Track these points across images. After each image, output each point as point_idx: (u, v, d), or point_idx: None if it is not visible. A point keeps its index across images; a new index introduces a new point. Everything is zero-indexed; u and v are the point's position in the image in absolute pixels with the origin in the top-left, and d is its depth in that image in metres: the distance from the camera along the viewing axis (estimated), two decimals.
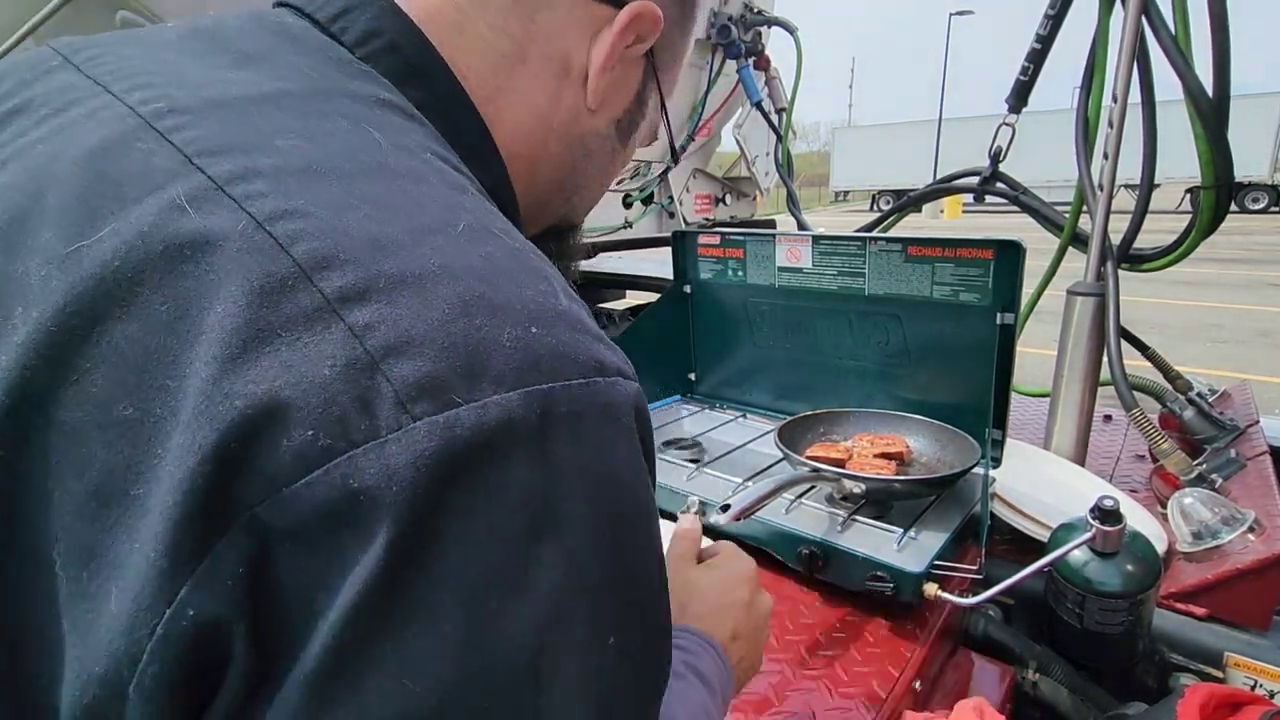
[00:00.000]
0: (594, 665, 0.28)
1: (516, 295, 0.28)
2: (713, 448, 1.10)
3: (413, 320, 0.25)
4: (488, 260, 0.29)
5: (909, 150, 23.08)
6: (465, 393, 0.25)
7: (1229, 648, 0.76)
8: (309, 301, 0.25)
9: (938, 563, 0.76)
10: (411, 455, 0.23)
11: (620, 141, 0.49)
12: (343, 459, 0.23)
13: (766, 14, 1.88)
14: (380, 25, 0.38)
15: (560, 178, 0.48)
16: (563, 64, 0.43)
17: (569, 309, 0.30)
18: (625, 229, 1.95)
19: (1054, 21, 1.27)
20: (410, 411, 0.24)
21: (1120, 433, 1.34)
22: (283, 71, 0.34)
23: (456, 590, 0.24)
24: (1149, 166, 1.15)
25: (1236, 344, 5.47)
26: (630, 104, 0.47)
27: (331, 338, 0.24)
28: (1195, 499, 0.92)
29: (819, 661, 0.70)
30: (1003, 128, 1.38)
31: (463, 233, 0.30)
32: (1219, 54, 0.99)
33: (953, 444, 0.97)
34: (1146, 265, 1.22)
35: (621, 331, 1.25)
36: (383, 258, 0.26)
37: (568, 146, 0.46)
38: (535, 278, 0.30)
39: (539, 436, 0.26)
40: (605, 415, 0.28)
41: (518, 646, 0.25)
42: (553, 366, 0.27)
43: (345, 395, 0.24)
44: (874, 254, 1.04)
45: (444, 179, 0.33)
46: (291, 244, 0.26)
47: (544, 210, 0.50)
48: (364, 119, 0.33)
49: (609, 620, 0.29)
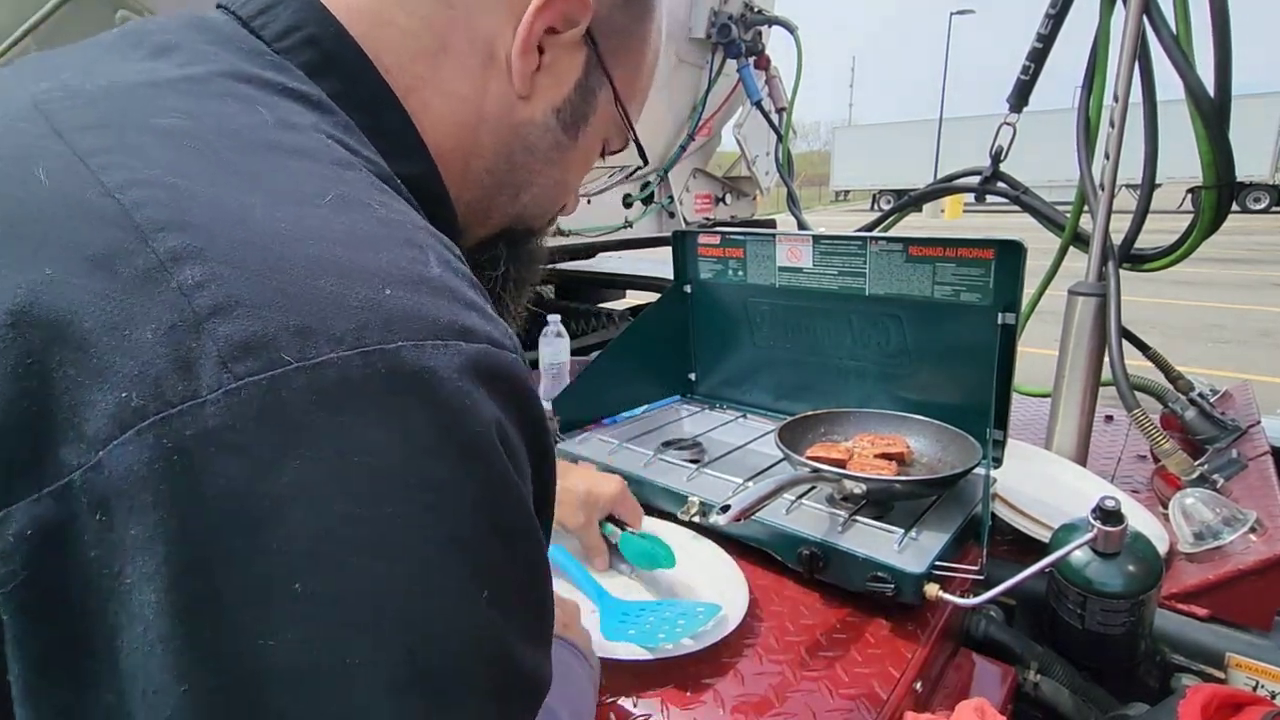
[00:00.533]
0: (474, 621, 0.28)
1: (374, 259, 0.28)
2: (713, 448, 1.10)
3: (249, 279, 0.25)
4: (350, 227, 0.29)
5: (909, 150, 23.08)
6: (296, 351, 0.24)
7: (1231, 648, 0.76)
8: (142, 263, 0.25)
9: (939, 563, 0.76)
10: (231, 416, 0.23)
11: (567, 134, 0.47)
12: (155, 419, 0.23)
13: (767, 13, 1.88)
14: (300, 20, 0.39)
15: (499, 172, 0.46)
16: (487, 51, 0.42)
17: (439, 276, 0.30)
18: (625, 229, 1.95)
19: (1055, 21, 1.26)
20: (232, 370, 0.23)
21: (1121, 433, 1.34)
22: (191, 60, 0.35)
23: (292, 554, 0.24)
24: (1150, 166, 1.15)
25: (1238, 344, 5.46)
26: (571, 93, 0.46)
27: (160, 298, 0.24)
28: (1197, 499, 0.92)
29: (819, 662, 0.70)
30: (1004, 127, 1.38)
31: (330, 202, 0.30)
32: (1220, 53, 0.99)
33: (954, 444, 0.97)
34: (1148, 265, 1.22)
35: (621, 331, 1.25)
36: (229, 221, 0.26)
37: (502, 138, 0.45)
38: (404, 245, 0.30)
39: (385, 395, 0.25)
40: (464, 378, 0.28)
41: (387, 605, 0.25)
42: (406, 326, 0.27)
43: (165, 357, 0.23)
44: (874, 254, 1.04)
45: (329, 155, 0.33)
46: (136, 209, 0.26)
47: (489, 208, 0.48)
48: (259, 101, 0.34)
49: (482, 577, 0.28)
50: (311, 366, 0.24)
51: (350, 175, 0.33)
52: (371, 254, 0.28)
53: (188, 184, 0.27)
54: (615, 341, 1.21)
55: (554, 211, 0.54)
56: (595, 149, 0.51)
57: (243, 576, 0.23)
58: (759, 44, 1.91)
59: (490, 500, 0.29)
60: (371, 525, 0.25)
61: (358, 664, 0.25)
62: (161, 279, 0.24)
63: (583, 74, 0.46)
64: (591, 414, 1.19)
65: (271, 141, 0.32)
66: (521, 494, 0.31)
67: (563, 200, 0.53)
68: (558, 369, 1.40)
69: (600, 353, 1.20)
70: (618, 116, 0.50)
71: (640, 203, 1.99)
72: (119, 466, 0.22)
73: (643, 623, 0.73)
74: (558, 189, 0.51)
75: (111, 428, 0.23)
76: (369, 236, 0.29)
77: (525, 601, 0.32)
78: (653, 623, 0.72)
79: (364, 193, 0.32)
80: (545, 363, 1.40)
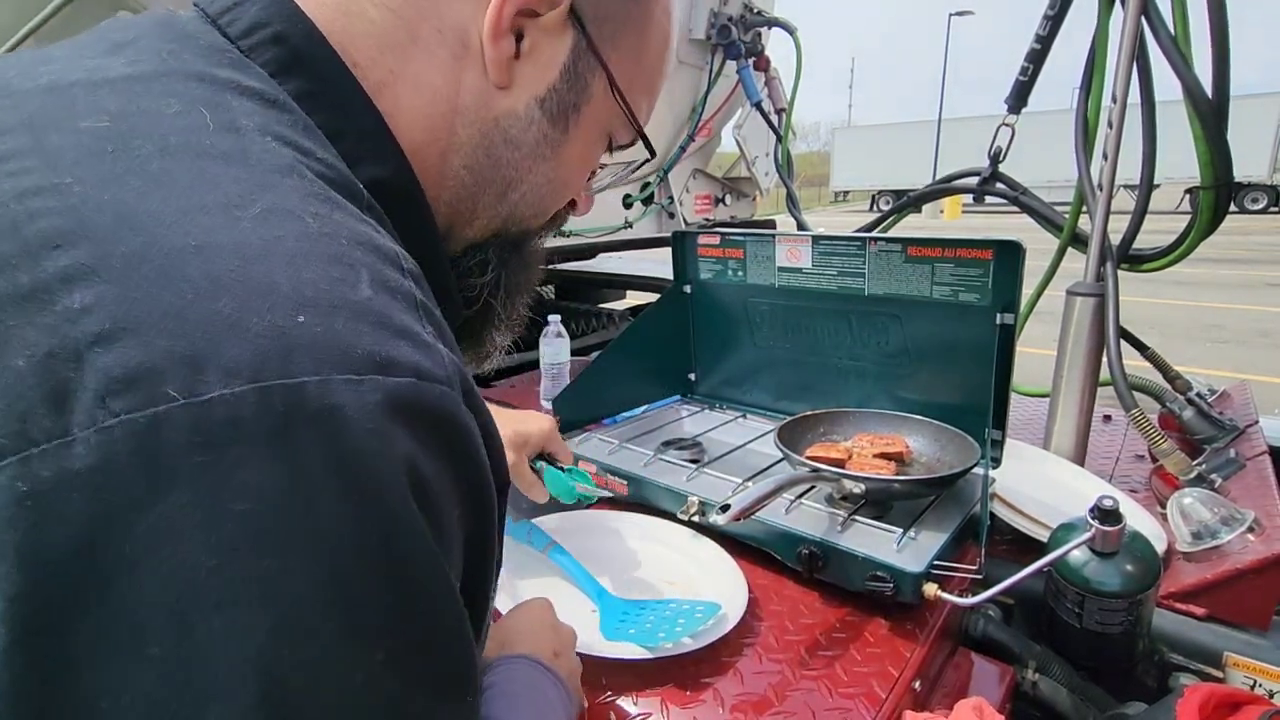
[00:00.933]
0: (354, 685, 0.25)
1: (290, 279, 0.26)
2: (713, 448, 1.10)
3: (140, 302, 0.23)
4: (270, 241, 0.27)
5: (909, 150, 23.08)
6: (183, 385, 0.22)
7: (1228, 647, 0.76)
8: (28, 281, 0.23)
9: (937, 563, 0.76)
10: (100, 457, 0.21)
11: (554, 127, 0.44)
12: (13, 460, 0.21)
13: (766, 14, 1.88)
14: (267, 16, 0.37)
15: (480, 169, 0.44)
16: (459, 39, 0.40)
17: (367, 300, 0.28)
18: (625, 229, 1.95)
19: (1053, 22, 1.27)
20: (109, 407, 0.21)
21: (1120, 433, 1.34)
22: (140, 57, 0.34)
23: (145, 611, 0.21)
24: (1148, 167, 1.15)
25: (1236, 344, 5.47)
26: (556, 81, 0.42)
27: (41, 322, 0.22)
28: (1195, 499, 0.92)
29: (819, 661, 0.70)
30: (1002, 128, 1.38)
31: (256, 214, 0.27)
32: (1218, 54, 0.99)
33: (952, 444, 0.97)
34: (1146, 265, 1.23)
35: (621, 332, 1.25)
36: (130, 234, 0.25)
37: (480, 132, 0.42)
38: (331, 263, 0.28)
39: (277, 436, 0.23)
40: (378, 417, 0.25)
41: (244, 665, 0.23)
42: (312, 358, 0.24)
43: (36, 389, 0.21)
44: (874, 254, 1.04)
45: (268, 162, 0.31)
46: (30, 220, 0.24)
47: (474, 208, 0.45)
48: (203, 100, 0.32)
49: (369, 635, 0.26)
50: (198, 404, 0.22)
51: (288, 183, 0.31)
52: (288, 272, 0.26)
53: (94, 193, 0.26)
54: (615, 342, 1.21)
55: (551, 211, 0.50)
56: (596, 143, 0.48)
57: (89, 636, 0.21)
58: (758, 45, 1.91)
59: (385, 549, 0.26)
60: (240, 579, 0.23)
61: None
62: (45, 301, 0.23)
63: (570, 60, 0.42)
64: (591, 414, 1.19)
65: (202, 147, 0.30)
66: (428, 550, 0.28)
67: (560, 199, 0.50)
68: (558, 369, 1.40)
69: (600, 353, 1.21)
70: (618, 106, 0.46)
71: (640, 203, 1.99)
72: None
73: (642, 621, 0.73)
74: (552, 187, 0.47)
75: None
76: (290, 252, 0.27)
77: (431, 661, 0.29)
78: (653, 621, 0.72)
79: (298, 203, 0.30)
80: (545, 363, 1.40)
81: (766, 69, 1.96)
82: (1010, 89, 1.36)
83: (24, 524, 0.21)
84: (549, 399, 1.34)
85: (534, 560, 0.86)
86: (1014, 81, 1.35)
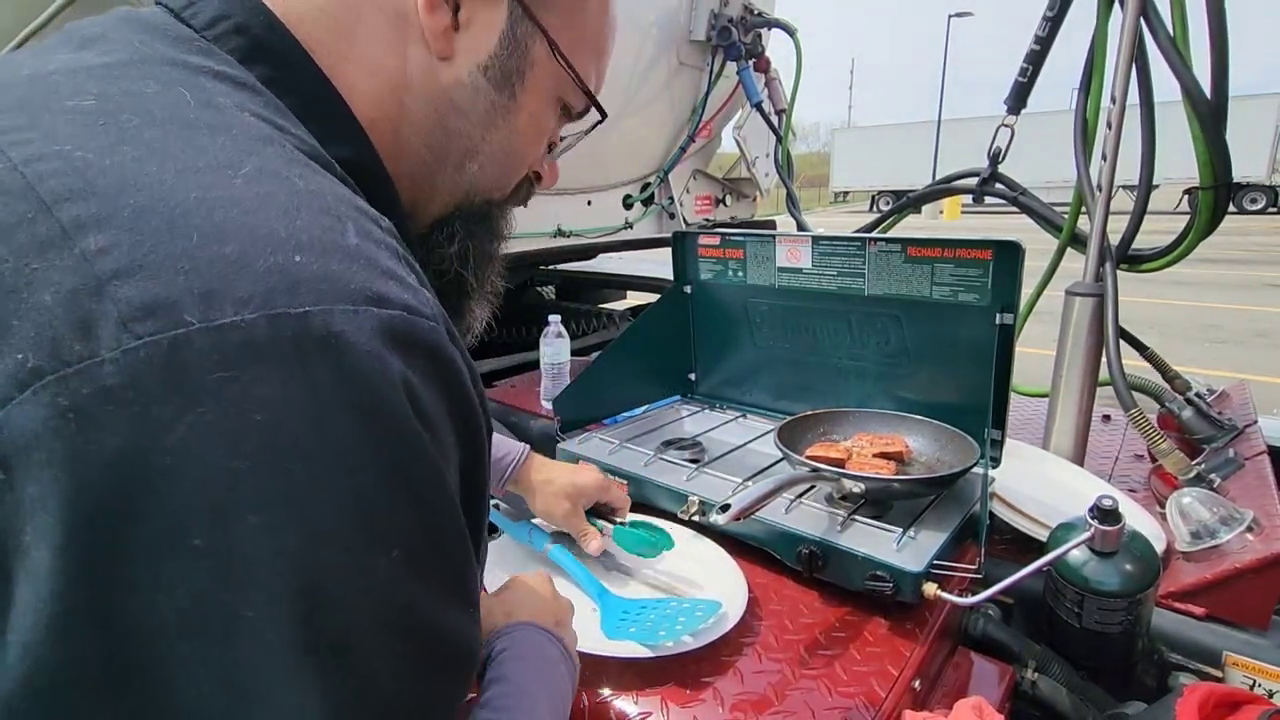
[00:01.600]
0: (376, 581, 0.28)
1: (285, 226, 0.28)
2: (713, 448, 1.10)
3: (153, 245, 0.25)
4: (263, 196, 0.29)
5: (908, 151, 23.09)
6: (200, 314, 0.25)
7: (1228, 647, 0.76)
8: (45, 230, 0.25)
9: (937, 562, 0.76)
10: (129, 375, 0.23)
11: (500, 94, 0.46)
12: (52, 378, 0.23)
13: (766, 15, 1.88)
14: (228, 9, 0.39)
15: (436, 144, 0.45)
16: (398, 15, 0.42)
17: (355, 245, 0.30)
18: (625, 230, 1.96)
19: (1052, 23, 1.27)
20: (132, 330, 0.24)
21: (1119, 433, 1.34)
22: (114, 48, 0.35)
23: (186, 509, 0.24)
24: (1147, 167, 1.15)
25: (1235, 344, 5.47)
26: (496, 48, 0.44)
27: (62, 264, 0.25)
28: (1194, 498, 0.93)
29: (818, 661, 0.70)
30: (1002, 129, 1.39)
31: (246, 174, 0.30)
32: (1217, 55, 0.99)
33: (952, 444, 0.97)
34: (1145, 266, 1.23)
35: (622, 332, 1.25)
36: (135, 191, 0.27)
37: (431, 104, 0.44)
38: (319, 214, 0.30)
39: (291, 359, 0.26)
40: (375, 342, 0.28)
41: (279, 558, 0.25)
42: (314, 291, 0.27)
43: (64, 319, 0.24)
44: (874, 254, 1.04)
45: (252, 132, 0.33)
46: (40, 180, 0.26)
47: (434, 183, 0.47)
48: (180, 82, 0.34)
49: (386, 537, 0.28)
50: (215, 328, 0.25)
51: (271, 150, 0.33)
52: (283, 221, 0.28)
53: (95, 158, 0.28)
54: (616, 342, 1.21)
55: (512, 181, 0.51)
56: (545, 109, 0.49)
57: (136, 532, 0.24)
58: (759, 46, 1.92)
59: (395, 462, 0.29)
60: (269, 482, 0.25)
61: (251, 620, 0.25)
62: (64, 245, 0.25)
63: (507, 26, 0.44)
64: (592, 414, 1.20)
65: (189, 119, 0.32)
66: (431, 458, 0.30)
67: (519, 169, 0.51)
68: (558, 369, 1.40)
69: (601, 353, 1.21)
70: (563, 70, 0.47)
71: (640, 204, 1.99)
72: (17, 426, 0.23)
73: (643, 620, 0.73)
74: (508, 156, 0.49)
75: (9, 388, 0.23)
76: (282, 205, 0.29)
77: (439, 564, 0.32)
78: (653, 620, 0.72)
79: (283, 166, 0.32)
80: (545, 363, 1.40)
81: (767, 70, 1.96)
82: (1010, 90, 1.36)
83: (69, 433, 0.23)
84: (549, 399, 1.34)
85: (534, 560, 0.86)
86: (1013, 82, 1.35)
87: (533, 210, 1.71)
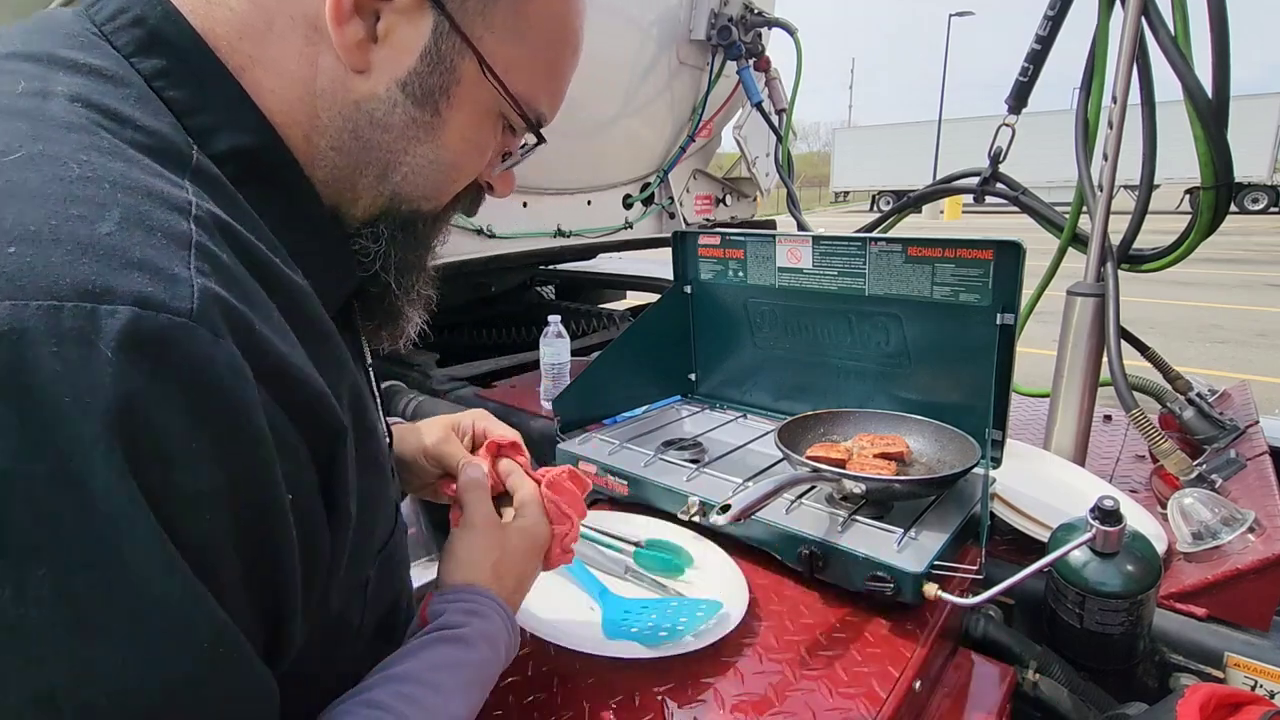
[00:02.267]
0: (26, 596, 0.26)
1: (16, 216, 0.28)
2: (713, 448, 1.10)
3: None
4: (15, 183, 0.29)
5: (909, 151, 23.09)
6: None
7: (1229, 648, 0.76)
8: None
9: (938, 563, 0.76)
10: None
11: (422, 110, 0.44)
12: None
13: (767, 15, 1.88)
14: (129, 2, 0.40)
15: (350, 150, 0.45)
16: (311, 26, 0.41)
17: (103, 236, 0.29)
18: (626, 230, 1.96)
19: (1053, 22, 1.27)
20: None
21: (1120, 433, 1.34)
22: (2, 45, 0.38)
23: None
24: (1148, 167, 1.15)
25: (1236, 344, 5.47)
26: (416, 64, 0.43)
27: None
28: (1195, 499, 0.92)
29: (819, 661, 0.70)
30: (1002, 128, 1.39)
31: (14, 160, 0.30)
32: (1218, 54, 0.99)
33: (953, 444, 0.97)
34: (1146, 266, 1.23)
35: (622, 332, 1.25)
36: None
37: (343, 115, 0.44)
38: (73, 203, 0.30)
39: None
40: (69, 340, 0.27)
41: None
42: (12, 285, 0.27)
43: None
44: (874, 254, 1.04)
45: (59, 120, 0.34)
46: None
47: (354, 188, 0.47)
48: (28, 74, 0.36)
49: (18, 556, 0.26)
50: None
51: (71, 137, 0.32)
52: (16, 210, 0.28)
53: None
54: (616, 342, 1.21)
55: (445, 193, 0.50)
56: (481, 125, 0.48)
57: None
58: (759, 46, 1.92)
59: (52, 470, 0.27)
60: None
61: None
62: None
63: (430, 41, 0.43)
64: (592, 414, 1.19)
65: (2, 105, 0.33)
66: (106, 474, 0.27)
67: (452, 181, 0.50)
68: (558, 369, 1.40)
69: (601, 353, 1.21)
70: (496, 90, 0.46)
71: (640, 204, 1.99)
72: None
73: (644, 620, 0.73)
74: (437, 169, 0.48)
75: None
76: (32, 193, 0.29)
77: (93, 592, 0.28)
78: (654, 620, 0.72)
79: (69, 153, 0.32)
80: (545, 363, 1.40)
81: (767, 69, 1.96)
82: (1010, 89, 1.36)
83: None
84: (549, 399, 1.34)
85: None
86: (1014, 82, 1.35)
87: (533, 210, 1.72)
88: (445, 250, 0.56)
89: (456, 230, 1.55)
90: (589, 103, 1.64)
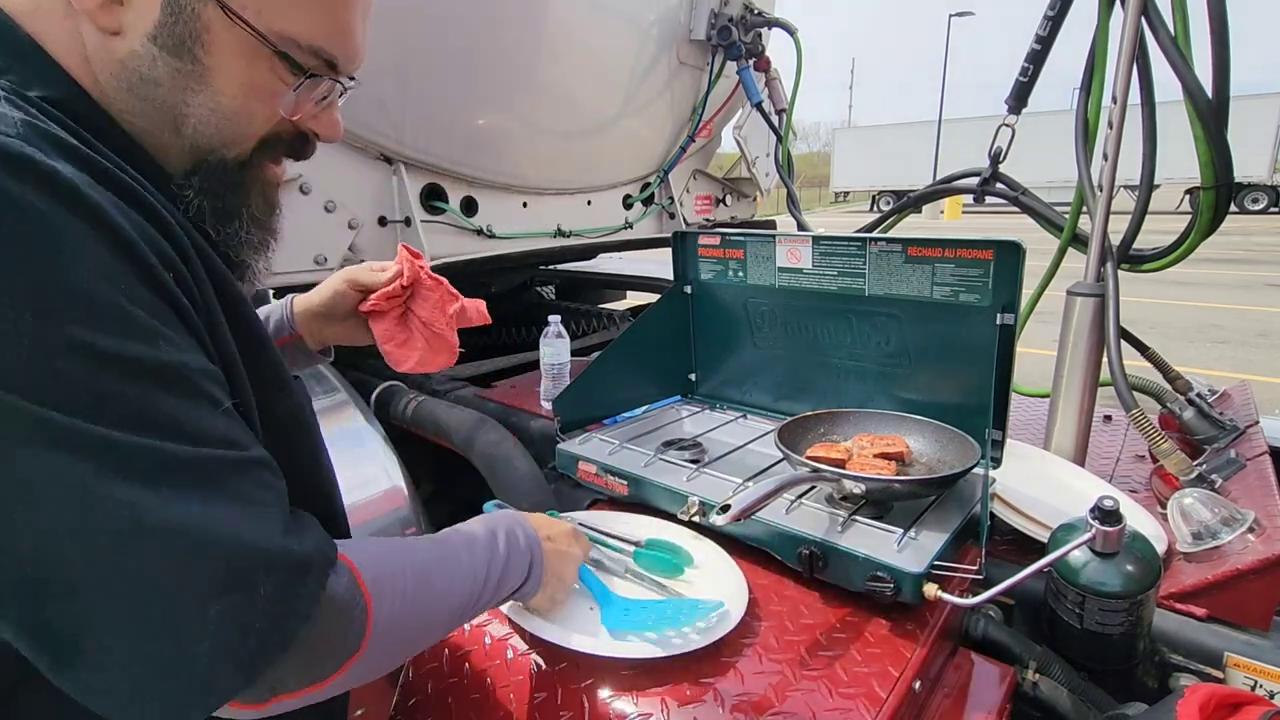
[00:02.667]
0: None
1: None
2: (713, 448, 1.10)
3: None
4: None
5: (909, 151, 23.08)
6: None
7: (1229, 648, 0.76)
8: None
9: (938, 563, 0.76)
10: None
11: (180, 59, 0.47)
12: None
13: (767, 15, 1.88)
14: None
15: (136, 110, 0.47)
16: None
17: None
18: (626, 230, 1.96)
19: (1053, 22, 1.27)
20: None
21: (1120, 433, 1.34)
22: None
23: None
24: (1148, 167, 1.15)
25: (1236, 344, 5.47)
26: (160, 16, 0.45)
27: None
28: (1195, 499, 0.92)
29: (819, 661, 0.70)
30: (1002, 128, 1.39)
31: None
32: (1218, 55, 0.99)
33: (953, 444, 0.97)
34: (1146, 266, 1.23)
35: (622, 332, 1.25)
36: None
37: (117, 77, 0.46)
38: None
39: None
40: None
41: None
42: None
43: None
44: (874, 255, 1.04)
45: None
46: None
47: (160, 144, 0.49)
48: None
49: None
50: None
51: None
52: None
53: None
54: (616, 342, 1.21)
55: (245, 138, 0.52)
56: (253, 68, 0.49)
57: None
58: (759, 46, 1.92)
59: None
60: None
61: None
62: None
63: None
64: (592, 414, 1.19)
65: None
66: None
67: (247, 126, 0.51)
68: (558, 369, 1.40)
69: (601, 353, 1.21)
70: (247, 32, 0.47)
71: (640, 204, 1.99)
72: None
73: (645, 619, 0.73)
74: (223, 117, 0.49)
75: None
76: None
77: None
78: (655, 619, 0.72)
79: None
80: (545, 363, 1.40)
81: (767, 70, 1.96)
82: (1010, 89, 1.36)
83: None
84: (549, 399, 1.34)
85: None
86: (1014, 82, 1.35)
87: (533, 210, 1.72)
88: (445, 250, 0.56)
89: (456, 230, 1.55)
90: (589, 102, 1.64)
